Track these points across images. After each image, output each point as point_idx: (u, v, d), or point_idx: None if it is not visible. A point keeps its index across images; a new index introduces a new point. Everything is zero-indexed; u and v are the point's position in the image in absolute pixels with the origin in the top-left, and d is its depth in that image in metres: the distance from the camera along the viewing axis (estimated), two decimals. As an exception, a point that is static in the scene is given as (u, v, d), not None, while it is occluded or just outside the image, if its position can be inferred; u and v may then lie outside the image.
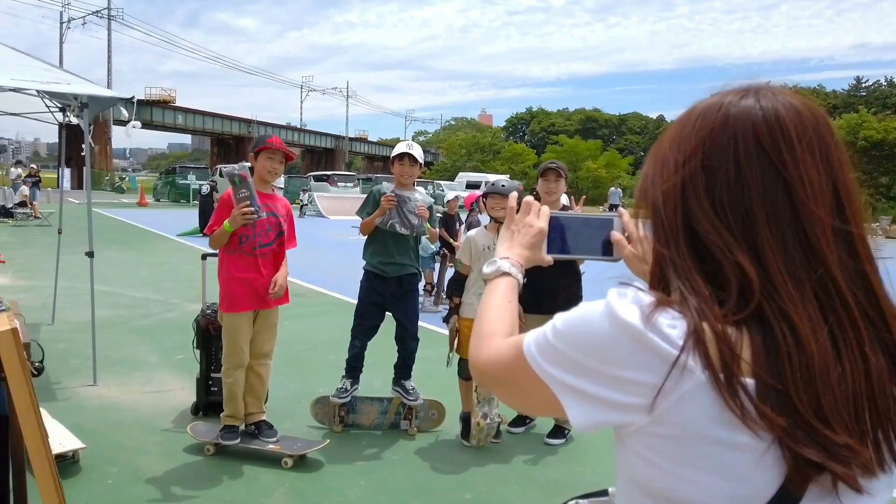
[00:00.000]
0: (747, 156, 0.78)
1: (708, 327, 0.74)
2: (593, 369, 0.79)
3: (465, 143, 65.25)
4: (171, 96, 55.23)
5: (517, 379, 0.90)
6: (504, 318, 1.04)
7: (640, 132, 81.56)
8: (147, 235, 17.68)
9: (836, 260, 0.76)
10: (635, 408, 0.77)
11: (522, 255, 1.13)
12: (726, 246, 0.78)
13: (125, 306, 8.17)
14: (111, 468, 3.72)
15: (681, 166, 0.82)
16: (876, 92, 66.54)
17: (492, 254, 3.88)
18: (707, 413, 0.73)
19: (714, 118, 0.82)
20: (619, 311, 0.77)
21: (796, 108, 0.80)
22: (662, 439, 0.76)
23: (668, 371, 0.74)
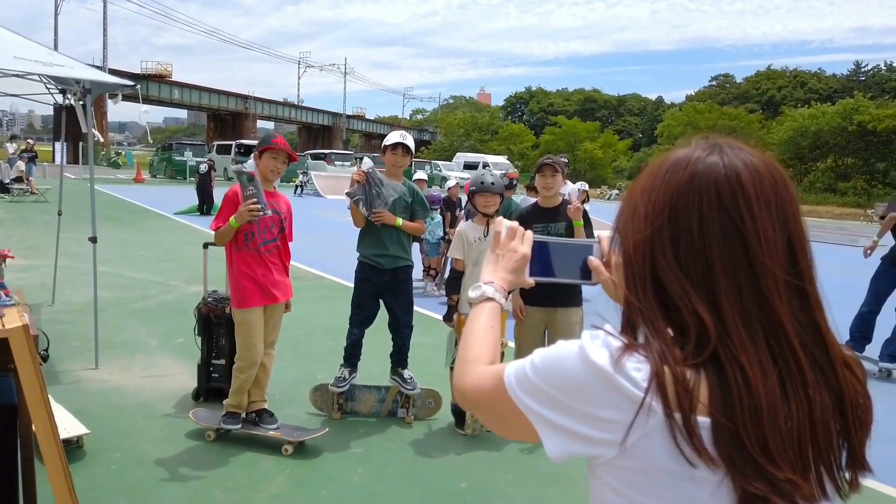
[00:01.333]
0: (709, 211, 0.86)
1: (668, 370, 0.82)
2: (567, 405, 0.87)
3: (463, 122, 64.93)
4: (168, 70, 54.77)
5: (497, 406, 0.97)
6: (487, 344, 1.11)
7: (639, 114, 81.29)
8: (144, 213, 17.68)
9: (786, 310, 0.84)
10: (604, 442, 0.85)
11: (506, 280, 1.19)
12: (686, 295, 0.85)
13: (124, 287, 8.23)
14: (114, 453, 3.80)
15: (650, 218, 0.90)
16: (875, 77, 66.34)
17: (484, 244, 3.95)
18: (668, 449, 0.82)
19: (682, 174, 0.89)
20: (591, 353, 0.86)
21: (756, 166, 0.87)
22: (629, 472, 0.85)
23: (635, 411, 0.82)
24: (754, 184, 0.86)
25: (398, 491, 3.57)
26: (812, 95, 62.06)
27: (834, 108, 43.71)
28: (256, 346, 3.86)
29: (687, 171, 0.89)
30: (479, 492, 3.61)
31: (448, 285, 4.36)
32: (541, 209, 4.47)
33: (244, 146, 35.95)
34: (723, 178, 0.86)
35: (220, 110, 61.28)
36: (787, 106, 57.61)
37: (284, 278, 4.00)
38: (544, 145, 57.16)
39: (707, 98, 63.66)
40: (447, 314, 4.32)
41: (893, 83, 62.28)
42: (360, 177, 4.26)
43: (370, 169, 4.34)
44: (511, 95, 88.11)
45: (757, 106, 60.53)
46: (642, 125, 77.18)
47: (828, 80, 68.09)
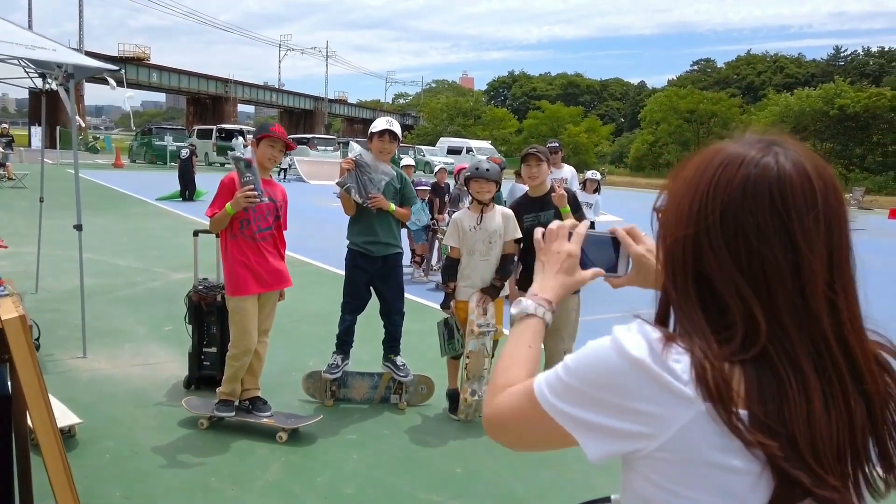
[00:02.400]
0: (763, 216, 0.85)
1: (708, 364, 0.83)
2: (605, 401, 0.86)
3: (446, 107, 64.66)
4: (146, 53, 53.90)
5: (530, 423, 0.96)
6: (521, 367, 1.06)
7: (621, 98, 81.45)
8: (125, 199, 17.45)
9: (827, 317, 0.84)
10: (643, 436, 0.85)
11: (555, 287, 1.13)
12: (739, 294, 0.85)
13: (109, 274, 8.14)
14: (108, 443, 3.78)
15: (700, 215, 0.88)
16: (854, 61, 66.98)
17: (479, 233, 3.94)
18: (708, 440, 0.82)
19: (735, 174, 0.87)
20: (627, 345, 0.86)
21: (809, 172, 0.86)
22: (668, 464, 0.85)
23: (675, 403, 0.82)
24: (805, 192, 0.85)
25: (394, 477, 3.59)
26: (791, 80, 62.57)
27: (816, 92, 44.18)
28: (251, 334, 3.85)
29: (741, 171, 0.87)
30: (474, 476, 3.65)
31: (444, 273, 4.37)
32: (530, 199, 4.49)
33: (225, 131, 35.55)
34: (776, 182, 0.85)
35: (200, 94, 60.48)
36: (766, 91, 58.06)
37: (280, 266, 3.99)
38: (528, 130, 57.19)
39: (689, 83, 63.87)
40: (444, 301, 4.34)
41: (872, 68, 62.98)
42: (349, 164, 4.23)
43: (357, 155, 4.32)
44: (494, 80, 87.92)
45: (738, 91, 60.80)
46: (625, 110, 77.37)
47: (807, 64, 68.65)
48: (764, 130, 0.93)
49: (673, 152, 49.60)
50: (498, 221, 4.26)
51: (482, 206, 4.28)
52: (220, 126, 37.13)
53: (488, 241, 4.23)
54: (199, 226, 12.79)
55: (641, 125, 55.30)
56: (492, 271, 4.26)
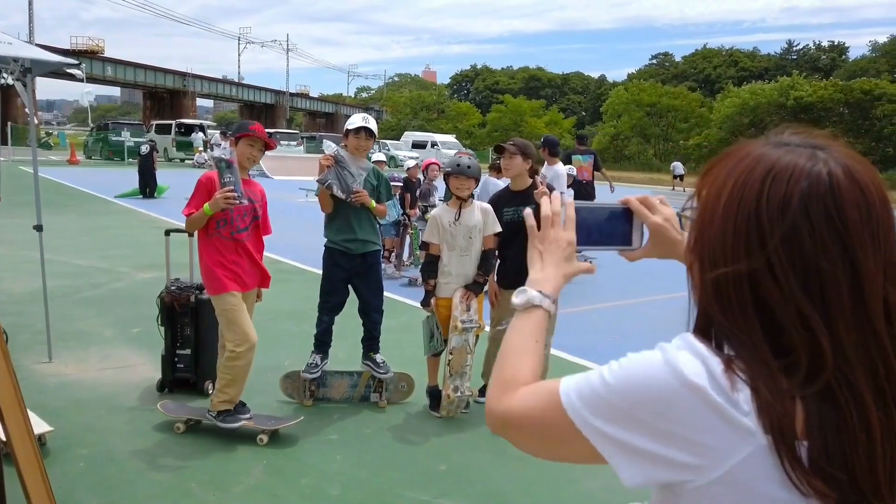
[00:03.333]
0: (823, 236, 0.77)
1: (773, 398, 0.77)
2: (652, 426, 0.79)
3: (409, 100, 64.42)
4: (100, 46, 52.43)
5: (549, 430, 0.89)
6: (527, 361, 0.99)
7: (583, 92, 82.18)
8: (83, 197, 16.98)
9: (889, 344, 0.78)
10: (693, 468, 0.78)
11: (556, 276, 1.06)
12: (806, 323, 0.78)
13: (71, 275, 7.90)
14: (81, 450, 3.67)
15: (755, 241, 0.80)
16: (806, 55, 68.79)
17: (460, 227, 3.92)
18: (769, 474, 0.76)
19: (788, 190, 0.79)
20: (685, 369, 0.79)
21: (861, 184, 0.79)
22: (724, 497, 0.78)
23: (735, 436, 0.76)
24: (859, 204, 0.78)
25: (379, 476, 3.56)
26: (745, 74, 63.94)
27: (771, 85, 45.30)
28: (249, 327, 3.73)
29: (793, 186, 0.78)
30: (459, 473, 3.63)
31: (424, 270, 4.33)
32: (511, 192, 4.49)
33: (185, 126, 34.86)
34: (831, 196, 0.78)
35: (157, 88, 59.10)
36: (722, 83, 59.24)
37: (257, 267, 3.91)
38: (491, 123, 57.33)
39: (648, 76, 64.81)
40: (424, 299, 4.30)
41: (823, 62, 64.75)
42: (328, 161, 4.16)
43: (335, 151, 4.25)
44: (457, 73, 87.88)
45: (695, 84, 61.94)
46: (586, 103, 78.08)
47: (761, 59, 70.22)
48: (801, 129, 0.85)
49: (635, 145, 50.30)
50: (477, 217, 4.25)
51: (461, 201, 4.26)
52: (180, 121, 36.39)
53: (468, 237, 4.21)
54: (162, 224, 12.63)
55: (603, 119, 55.88)
56: (472, 267, 4.25)
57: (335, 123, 77.35)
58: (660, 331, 2.23)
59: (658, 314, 7.34)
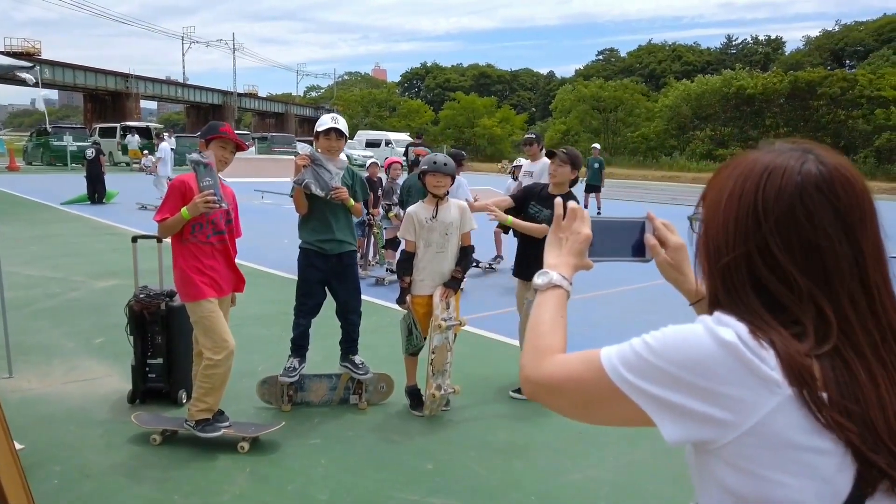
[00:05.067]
0: (821, 218, 0.89)
1: (793, 352, 0.87)
2: (692, 384, 0.88)
3: (360, 98, 63.95)
4: (36, 48, 50.51)
5: (589, 392, 0.98)
6: (558, 332, 1.09)
7: (532, 88, 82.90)
8: (27, 205, 16.33)
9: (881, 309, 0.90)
10: (726, 422, 0.87)
11: (570, 264, 1.18)
12: (810, 294, 0.89)
13: (23, 286, 7.59)
14: (54, 467, 3.53)
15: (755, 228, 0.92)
16: (745, 49, 70.88)
17: (436, 224, 3.94)
18: (795, 423, 0.85)
19: (782, 182, 0.91)
20: (722, 333, 0.88)
21: (848, 177, 0.92)
22: (756, 448, 0.86)
23: (764, 388, 0.85)
24: (848, 193, 0.90)
25: (366, 479, 3.53)
26: (689, 68, 65.49)
27: (715, 79, 46.61)
28: (227, 334, 3.66)
29: (788, 179, 0.91)
30: (446, 471, 3.63)
31: (399, 268, 4.31)
32: (548, 194, 4.55)
33: (129, 128, 33.83)
34: (825, 185, 0.90)
35: (99, 90, 57.13)
36: (667, 78, 60.61)
37: (232, 271, 3.84)
38: (444, 121, 57.40)
39: (595, 72, 65.85)
40: (400, 297, 4.28)
41: (759, 56, 66.81)
42: (303, 161, 4.12)
43: (311, 152, 4.22)
44: (407, 71, 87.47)
45: (640, 78, 63.11)
46: (536, 100, 78.83)
47: (703, 53, 71.99)
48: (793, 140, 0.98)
49: (584, 140, 51.04)
50: (454, 214, 4.25)
51: (437, 199, 4.26)
52: (125, 124, 35.28)
53: (444, 234, 4.21)
54: (113, 230, 12.28)
55: (553, 115, 56.52)
56: (447, 264, 4.25)
57: (285, 123, 76.24)
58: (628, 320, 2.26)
59: (625, 304, 7.48)
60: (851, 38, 61.68)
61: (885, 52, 50.26)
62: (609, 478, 3.55)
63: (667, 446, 0.94)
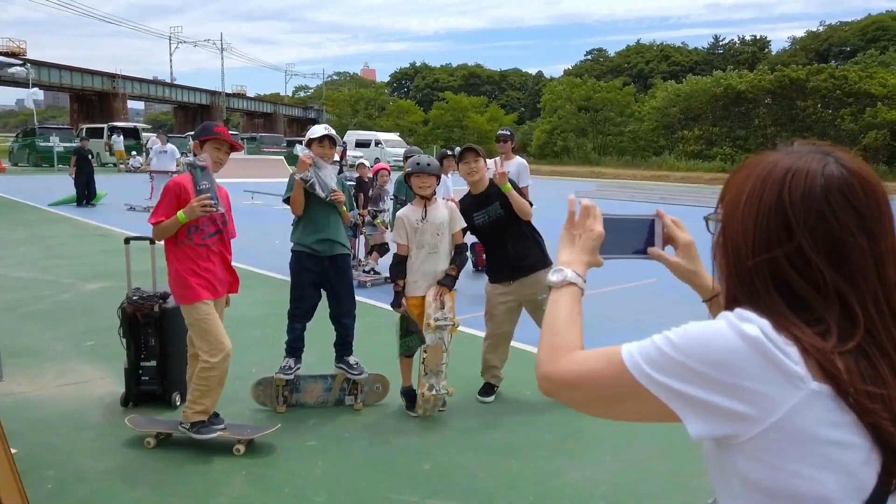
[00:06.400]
0: (845, 217, 0.91)
1: (817, 347, 0.88)
2: (716, 379, 0.88)
3: (349, 98, 63.80)
4: (21, 48, 49.92)
5: (613, 389, 0.97)
6: (575, 329, 1.09)
7: (521, 88, 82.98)
8: (14, 206, 16.18)
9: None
10: (750, 419, 0.87)
11: (583, 261, 1.18)
12: (837, 292, 0.90)
13: (11, 288, 7.53)
14: (47, 472, 3.50)
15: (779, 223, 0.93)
16: (732, 49, 71.28)
17: (427, 225, 3.96)
18: (820, 417, 0.85)
19: (807, 184, 0.92)
20: (746, 328, 0.89)
21: (866, 178, 0.93)
22: (780, 443, 0.87)
23: (788, 383, 0.86)
24: (867, 193, 0.92)
25: (363, 480, 3.52)
26: (676, 68, 65.82)
27: (705, 79, 46.90)
28: (224, 336, 3.64)
29: (812, 181, 0.92)
30: (443, 472, 3.63)
31: (393, 270, 4.30)
32: (473, 197, 4.55)
33: (117, 128, 33.59)
34: (847, 186, 0.92)
35: (85, 90, 56.71)
36: (654, 78, 60.89)
37: (227, 273, 3.82)
38: (434, 121, 57.39)
39: (584, 72, 65.83)
40: (395, 300, 4.26)
41: (746, 55, 67.19)
42: (309, 159, 4.19)
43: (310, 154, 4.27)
44: (396, 71, 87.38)
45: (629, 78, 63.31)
46: (525, 99, 78.91)
47: (690, 53, 72.35)
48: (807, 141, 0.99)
49: (571, 140, 51.13)
50: (444, 214, 4.27)
51: (425, 200, 4.27)
52: (112, 124, 35.02)
53: (436, 234, 4.22)
54: (101, 231, 12.19)
55: (542, 114, 56.60)
56: (440, 264, 4.25)
57: (274, 123, 75.97)
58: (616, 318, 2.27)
59: (612, 304, 7.49)
60: (837, 38, 62.24)
61: (873, 52, 50.67)
62: (607, 477, 3.55)
63: (664, 445, 0.96)
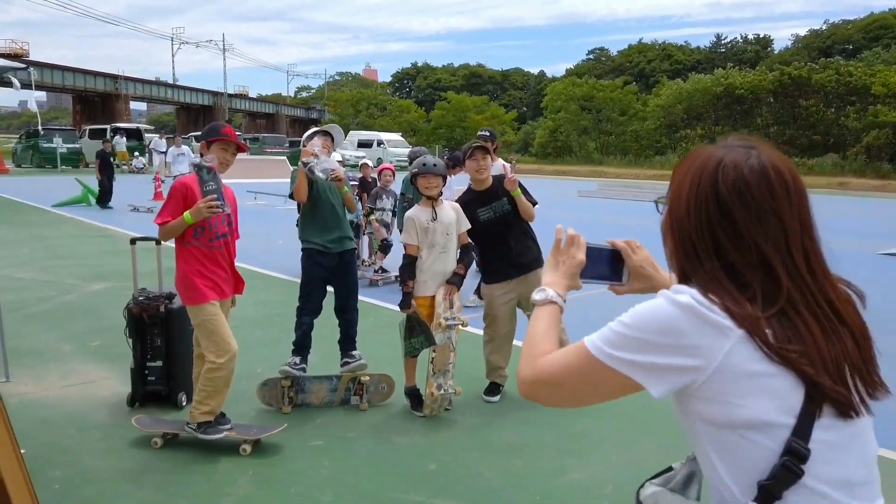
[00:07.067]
0: (762, 201, 1.12)
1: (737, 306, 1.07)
2: (663, 344, 1.08)
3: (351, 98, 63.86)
4: (24, 49, 50.09)
5: (582, 377, 1.16)
6: (550, 341, 1.26)
7: (523, 88, 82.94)
8: (17, 207, 16.21)
9: (807, 274, 1.11)
10: (697, 368, 1.07)
11: (563, 285, 1.35)
12: (761, 260, 1.11)
13: (14, 289, 7.53)
14: (54, 472, 3.50)
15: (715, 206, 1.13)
16: (734, 48, 71.17)
17: (437, 225, 3.97)
18: (749, 356, 1.05)
19: (735, 174, 1.13)
20: (679, 298, 1.09)
21: (780, 168, 1.14)
22: (722, 383, 1.07)
23: (717, 333, 1.06)
24: (781, 181, 1.13)
25: (369, 480, 3.52)
26: (678, 67, 65.73)
27: (706, 78, 46.85)
28: (230, 337, 3.65)
29: (738, 171, 1.13)
30: (449, 472, 3.63)
31: (403, 272, 4.30)
32: (478, 193, 4.56)
33: (119, 129, 33.65)
34: (764, 175, 1.13)
35: (88, 91, 56.81)
36: (656, 77, 60.82)
37: (232, 274, 3.83)
38: (436, 120, 57.43)
39: (585, 71, 65.80)
40: (403, 301, 4.25)
41: (749, 54, 67.09)
42: (311, 150, 4.32)
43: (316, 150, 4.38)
44: (398, 71, 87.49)
45: (630, 77, 63.25)
46: (527, 99, 78.87)
47: (692, 52, 72.27)
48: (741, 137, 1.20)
49: (573, 139, 51.08)
50: (452, 214, 4.29)
51: (432, 200, 4.28)
52: (115, 125, 35.09)
53: (446, 234, 4.24)
54: (104, 232, 12.22)
55: (544, 113, 56.55)
56: (449, 264, 4.27)
57: (276, 124, 76.02)
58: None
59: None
60: (839, 36, 62.14)
61: (878, 49, 50.51)
62: (612, 477, 3.55)
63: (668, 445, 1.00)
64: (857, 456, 1.10)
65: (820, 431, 1.06)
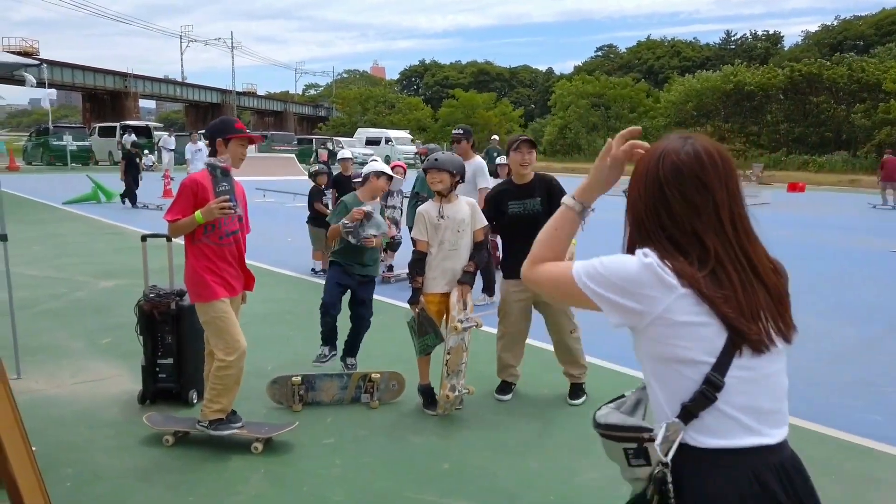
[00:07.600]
0: (694, 180, 1.41)
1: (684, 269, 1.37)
2: (624, 288, 1.39)
3: (358, 96, 63.86)
4: (34, 47, 50.27)
5: (563, 290, 1.50)
6: (549, 247, 1.56)
7: (531, 85, 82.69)
8: (28, 204, 16.26)
9: (733, 238, 1.40)
10: (643, 312, 1.39)
11: (584, 189, 1.57)
12: (694, 232, 1.40)
13: (27, 287, 7.54)
14: (66, 469, 3.50)
15: (657, 191, 1.43)
16: (744, 45, 70.69)
17: (447, 221, 3.93)
18: (686, 309, 1.36)
19: (672, 160, 1.43)
20: (645, 259, 1.39)
21: (711, 152, 1.43)
22: (663, 328, 1.38)
23: (665, 289, 1.36)
24: (709, 162, 1.42)
25: (381, 479, 3.50)
26: (688, 63, 65.33)
27: (715, 75, 46.55)
28: (240, 335, 3.63)
29: (674, 157, 1.43)
30: (463, 471, 3.59)
31: (412, 267, 4.26)
32: (516, 186, 4.53)
33: (129, 127, 33.75)
34: (696, 160, 1.42)
35: (97, 89, 57.10)
36: (666, 73, 60.47)
37: (243, 270, 3.80)
38: (444, 118, 57.33)
39: (594, 68, 65.54)
40: (413, 297, 4.22)
41: (759, 51, 66.63)
42: (360, 214, 4.51)
43: (370, 209, 4.57)
44: (406, 69, 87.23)
45: (639, 74, 62.96)
46: (535, 96, 78.64)
47: (702, 48, 71.84)
48: (681, 132, 1.50)
49: (582, 136, 50.89)
50: (465, 211, 4.23)
51: (441, 196, 4.24)
52: (124, 123, 35.21)
53: (457, 231, 4.19)
54: (115, 229, 12.25)
55: (552, 111, 56.36)
56: (459, 262, 4.22)
57: (284, 121, 76.20)
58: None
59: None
60: (851, 33, 61.56)
61: (891, 46, 49.93)
62: (621, 479, 3.51)
63: None
64: (767, 390, 1.40)
65: (736, 370, 1.36)
